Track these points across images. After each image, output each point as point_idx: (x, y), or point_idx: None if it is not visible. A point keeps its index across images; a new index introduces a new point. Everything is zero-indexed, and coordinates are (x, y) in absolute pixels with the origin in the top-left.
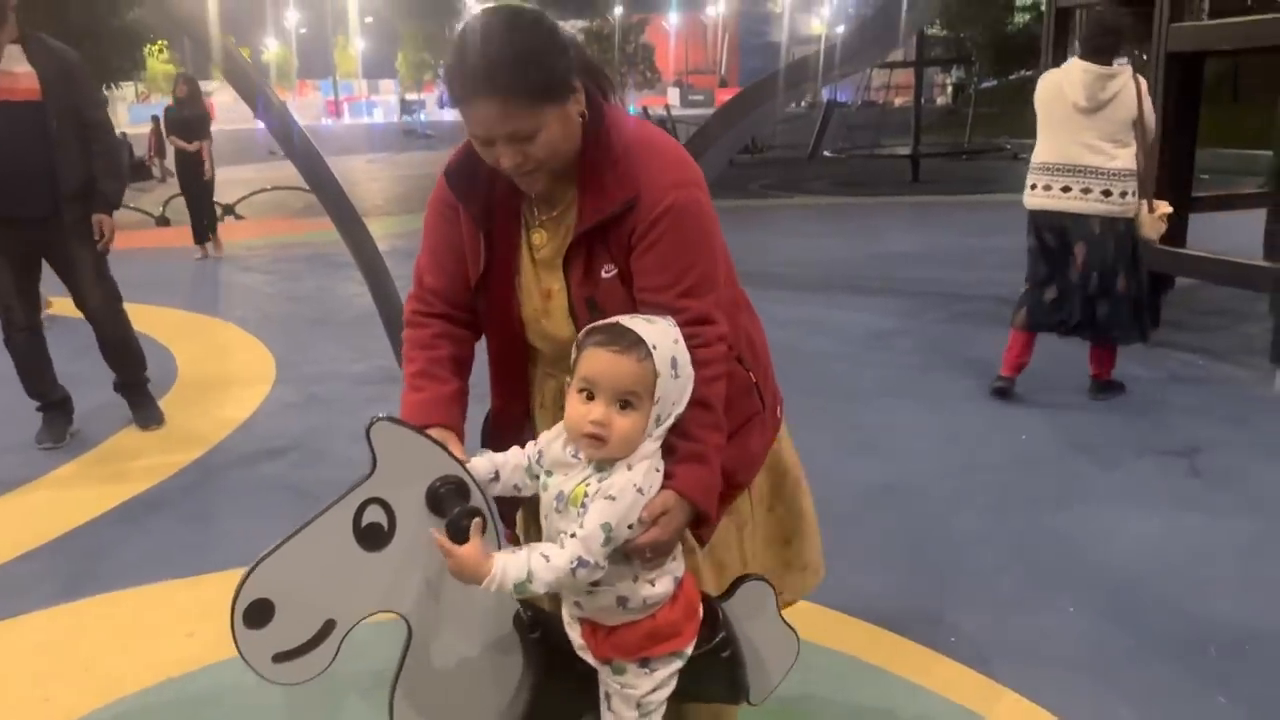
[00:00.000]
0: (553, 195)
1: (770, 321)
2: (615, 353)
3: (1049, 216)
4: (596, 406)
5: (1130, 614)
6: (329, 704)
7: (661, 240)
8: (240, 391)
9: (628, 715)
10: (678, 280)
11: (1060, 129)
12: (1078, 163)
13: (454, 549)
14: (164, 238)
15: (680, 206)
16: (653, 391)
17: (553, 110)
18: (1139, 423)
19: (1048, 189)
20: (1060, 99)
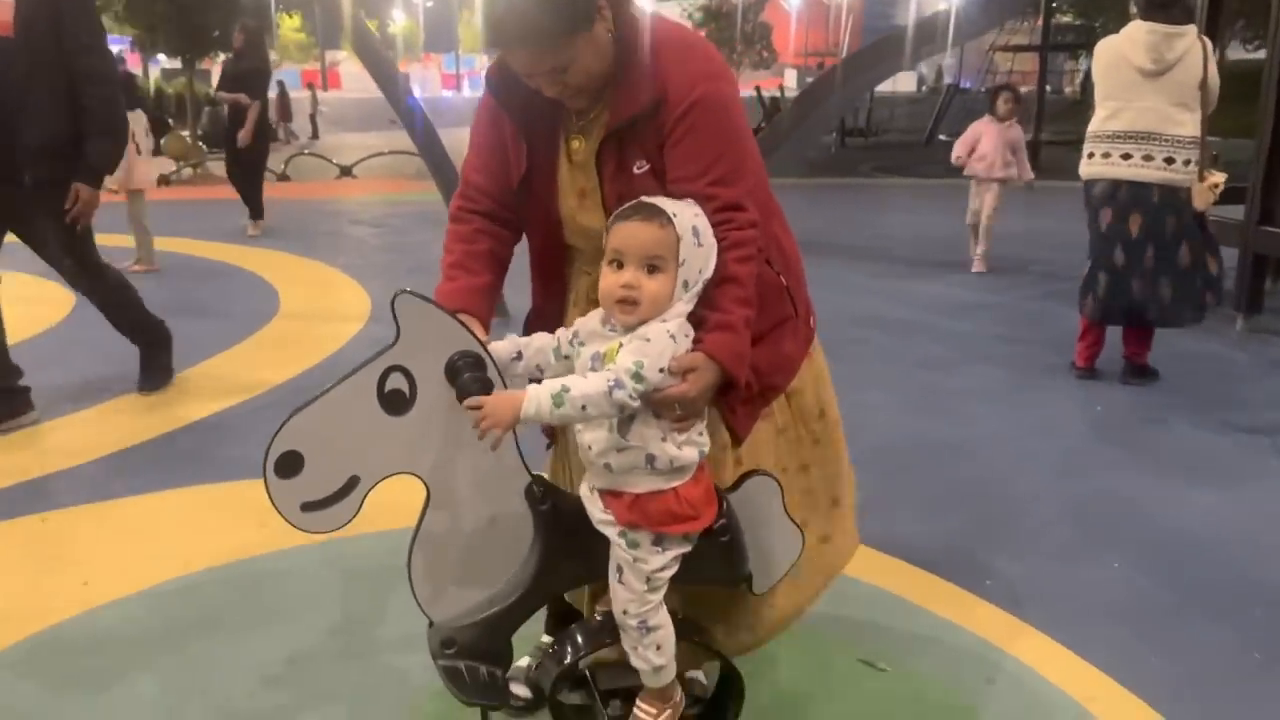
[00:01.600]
0: (592, 101)
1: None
2: (639, 221)
3: (1107, 185)
4: (626, 272)
5: (1177, 573)
6: (379, 587)
7: (691, 132)
8: (337, 326)
9: (637, 587)
10: (708, 170)
11: (1124, 94)
12: (1147, 129)
13: (480, 401)
14: (288, 190)
15: (707, 99)
16: (677, 254)
17: (582, 38)
18: (1225, 402)
19: (1106, 156)
20: (1123, 63)
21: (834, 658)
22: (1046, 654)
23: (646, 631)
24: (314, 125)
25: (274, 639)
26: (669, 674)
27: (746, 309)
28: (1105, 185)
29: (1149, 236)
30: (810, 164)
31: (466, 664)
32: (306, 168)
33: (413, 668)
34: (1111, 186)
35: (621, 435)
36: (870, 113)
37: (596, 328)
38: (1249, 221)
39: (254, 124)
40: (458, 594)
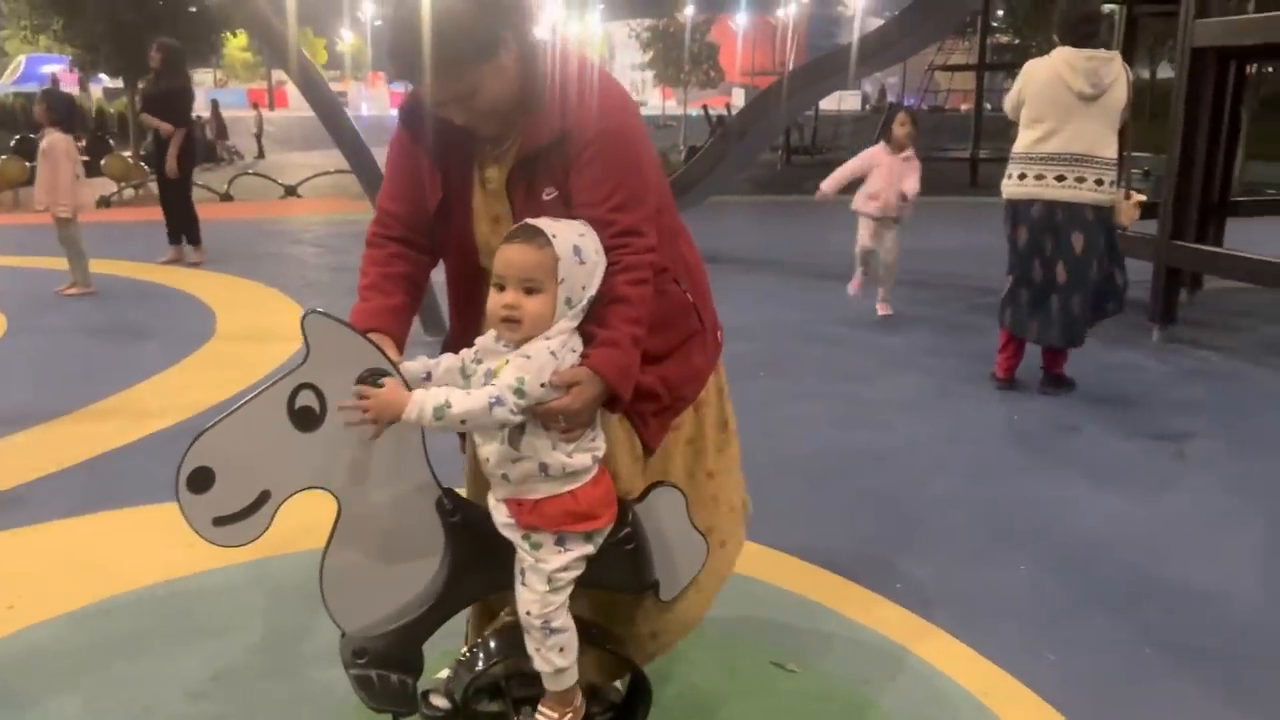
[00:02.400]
0: (501, 132)
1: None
2: (517, 244)
3: (1042, 207)
4: (508, 293)
5: (1079, 573)
6: (306, 603)
7: (593, 162)
8: (273, 346)
9: (539, 588)
10: (608, 197)
11: (1059, 118)
12: (1081, 152)
13: (371, 389)
14: (230, 211)
15: (609, 131)
16: (555, 274)
17: (486, 68)
18: (1136, 410)
19: (1040, 179)
20: (1060, 86)
21: (745, 660)
22: (950, 652)
23: (550, 633)
24: (259, 145)
25: (199, 656)
26: (571, 677)
27: (635, 328)
28: (1042, 206)
29: (1088, 254)
30: (755, 182)
31: (378, 672)
32: (250, 188)
33: (337, 682)
34: (1048, 208)
35: (513, 447)
36: (815, 130)
37: (491, 345)
38: (1162, 236)
39: (178, 150)
40: (369, 605)
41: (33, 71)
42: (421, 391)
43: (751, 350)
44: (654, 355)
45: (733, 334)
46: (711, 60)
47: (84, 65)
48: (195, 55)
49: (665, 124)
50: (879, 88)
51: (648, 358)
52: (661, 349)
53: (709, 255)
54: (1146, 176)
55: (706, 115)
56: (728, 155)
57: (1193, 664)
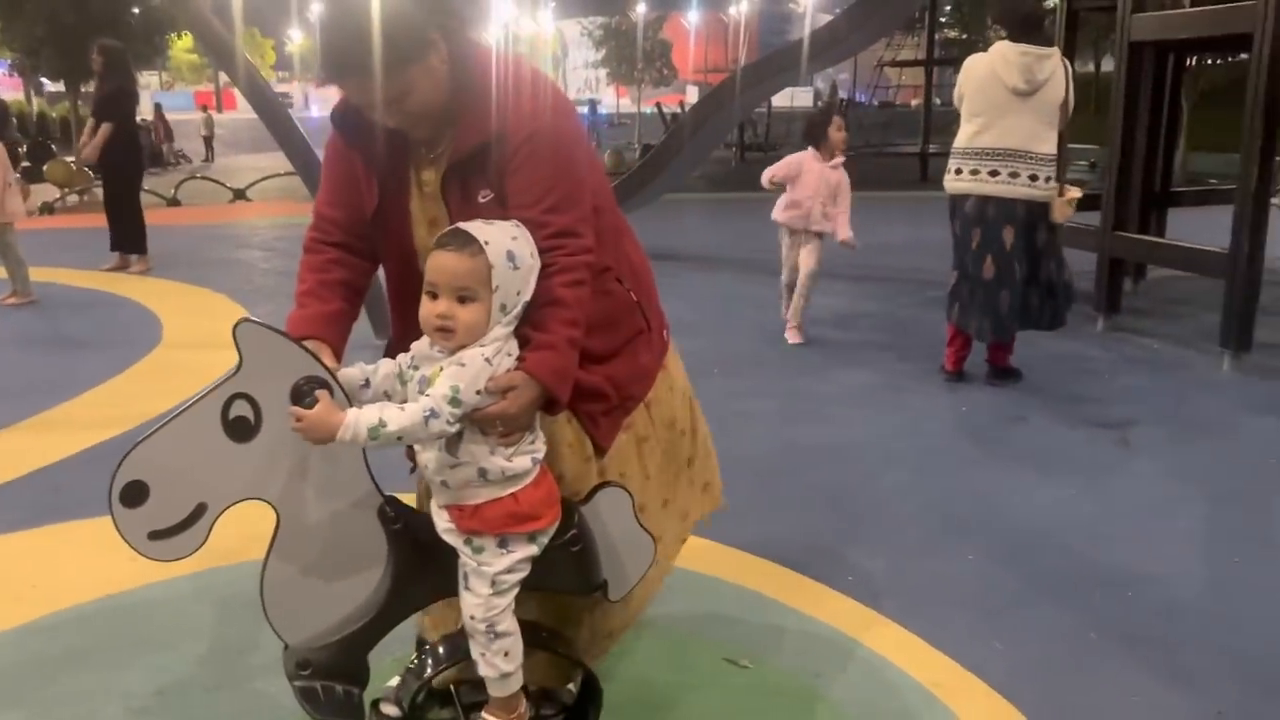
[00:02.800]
0: (435, 135)
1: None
2: (449, 252)
3: (976, 202)
4: (441, 302)
5: (1026, 562)
6: (251, 615)
7: (526, 164)
8: (220, 353)
9: (482, 591)
10: (542, 198)
11: (995, 113)
12: (1015, 147)
13: (303, 411)
14: (178, 216)
15: (542, 133)
16: (489, 282)
17: (415, 71)
18: (1081, 400)
19: (975, 174)
20: (995, 81)
21: (698, 657)
22: (899, 643)
23: (494, 637)
24: (208, 148)
25: (144, 671)
26: (516, 682)
27: (572, 329)
28: (975, 201)
29: (1018, 250)
30: (710, 179)
31: (322, 684)
32: (199, 192)
33: (284, 693)
34: (980, 202)
35: (451, 454)
36: (769, 127)
37: (427, 350)
38: (1105, 227)
39: (101, 144)
40: (312, 616)
41: None
42: (355, 411)
43: (704, 347)
44: (600, 355)
45: (687, 331)
46: (664, 58)
47: (24, 69)
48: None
49: (620, 122)
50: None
51: (594, 358)
52: (607, 349)
53: (663, 253)
54: (1093, 168)
55: (660, 113)
56: (681, 152)
57: (1136, 649)
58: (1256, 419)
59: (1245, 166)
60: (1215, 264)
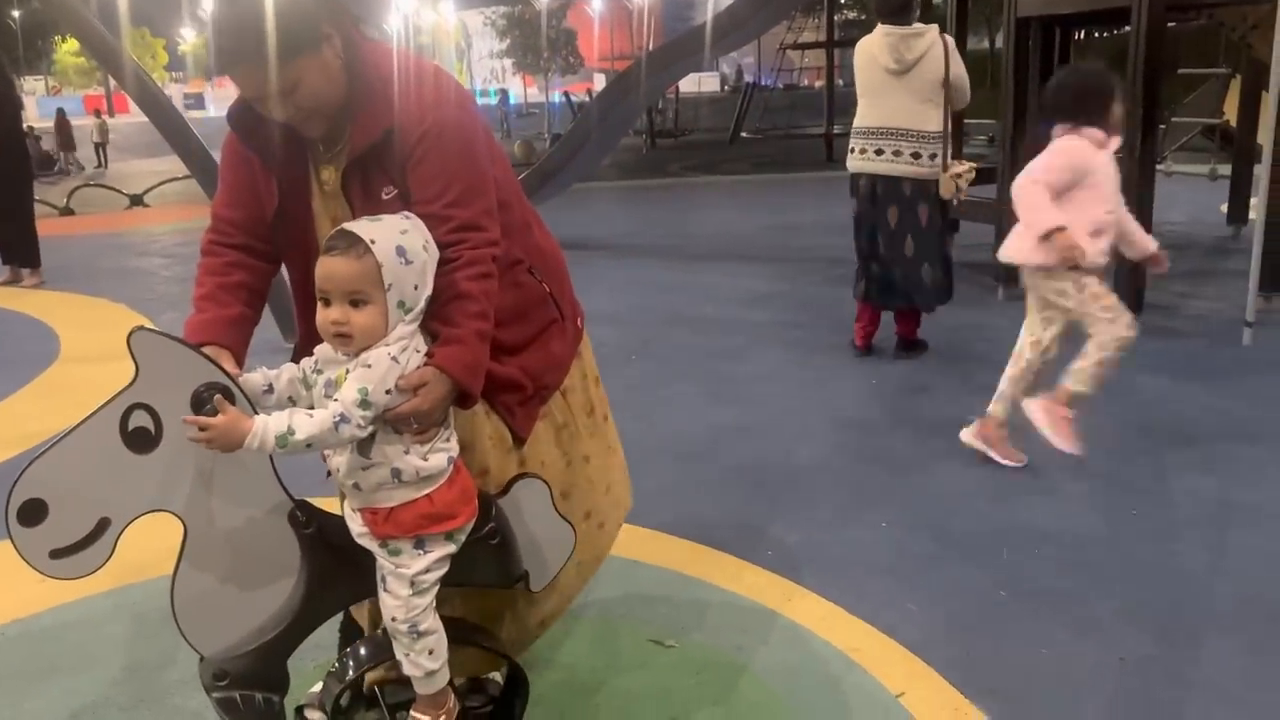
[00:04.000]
0: (332, 133)
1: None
2: (336, 256)
3: (866, 180)
4: (334, 309)
5: (937, 526)
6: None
7: (425, 158)
8: (123, 365)
9: (402, 592)
10: (444, 192)
11: (875, 93)
12: (892, 125)
13: (208, 420)
14: (70, 225)
15: (438, 126)
16: (381, 282)
17: (306, 62)
18: (983, 367)
19: (863, 152)
20: (873, 63)
21: (623, 641)
22: (819, 612)
23: (417, 637)
24: (100, 154)
25: (56, 695)
26: (442, 679)
27: (480, 322)
28: (865, 180)
29: (904, 227)
30: (622, 166)
31: (241, 694)
32: (93, 200)
33: (203, 707)
34: (870, 181)
35: (363, 455)
36: (677, 114)
37: (331, 354)
38: (1001, 198)
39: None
40: (226, 626)
41: None
42: (263, 418)
43: (621, 335)
44: (513, 346)
45: (603, 320)
46: (570, 46)
47: None
48: (25, 63)
49: (528, 112)
50: (736, 68)
51: (507, 349)
52: (520, 339)
53: (576, 243)
54: (991, 143)
55: (569, 102)
56: (589, 141)
57: (1043, 603)
58: (1150, 378)
59: (1130, 135)
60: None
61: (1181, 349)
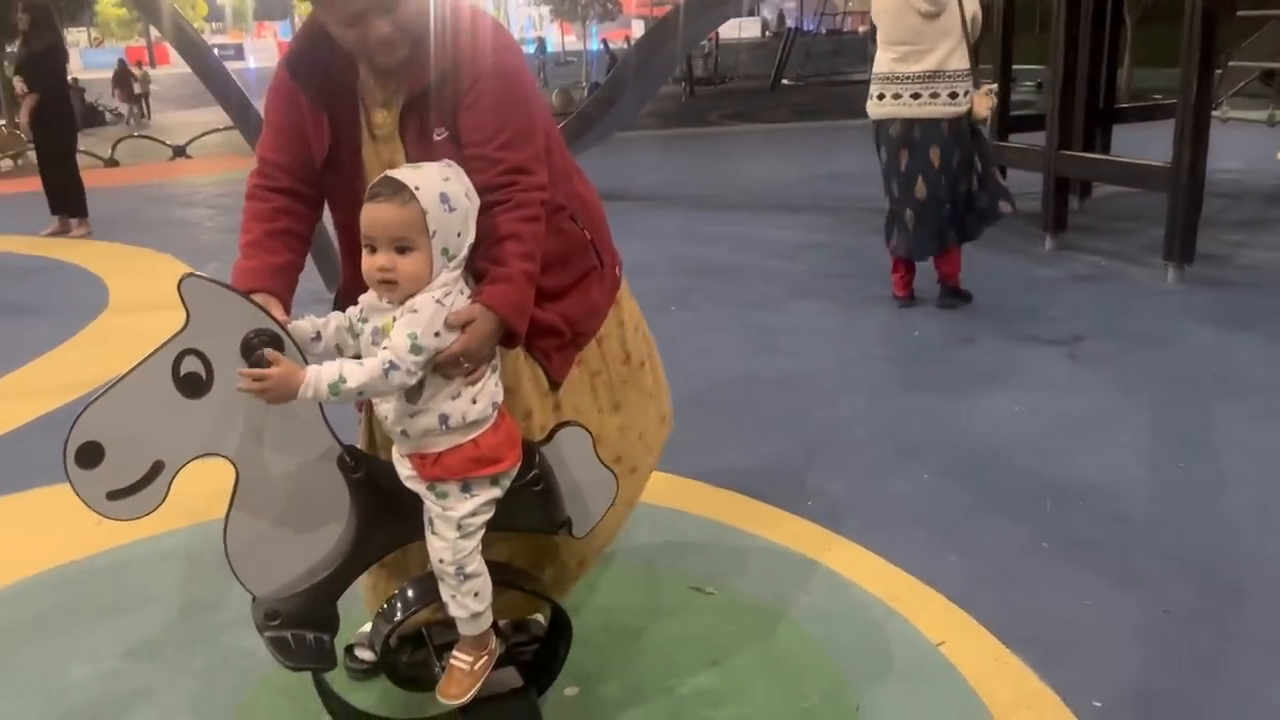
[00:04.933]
0: (389, 73)
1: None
2: (381, 203)
3: (900, 125)
4: (380, 255)
5: (978, 477)
6: (219, 572)
7: (480, 99)
8: (169, 315)
9: (449, 535)
10: (496, 134)
11: (909, 38)
12: (933, 68)
13: (263, 371)
14: (115, 176)
15: (495, 70)
16: (425, 228)
17: None
18: (1029, 317)
19: (897, 98)
20: (906, 8)
21: (664, 587)
22: (859, 562)
23: (464, 579)
24: (144, 105)
25: (112, 633)
26: (486, 621)
27: (527, 263)
28: (900, 124)
29: (946, 168)
30: (661, 115)
31: (293, 633)
32: (136, 150)
33: (256, 647)
34: (906, 125)
35: (411, 401)
36: (716, 60)
37: (376, 302)
38: (1050, 146)
39: (30, 113)
40: (278, 567)
41: None
42: (315, 368)
43: (660, 285)
44: (553, 292)
45: (641, 270)
46: None
47: None
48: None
49: (566, 60)
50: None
51: (548, 295)
52: (560, 285)
53: (615, 193)
54: (1039, 89)
55: (607, 49)
56: (628, 90)
57: (1086, 555)
58: (1199, 329)
59: (1185, 80)
60: (1157, 178)
61: (1232, 299)
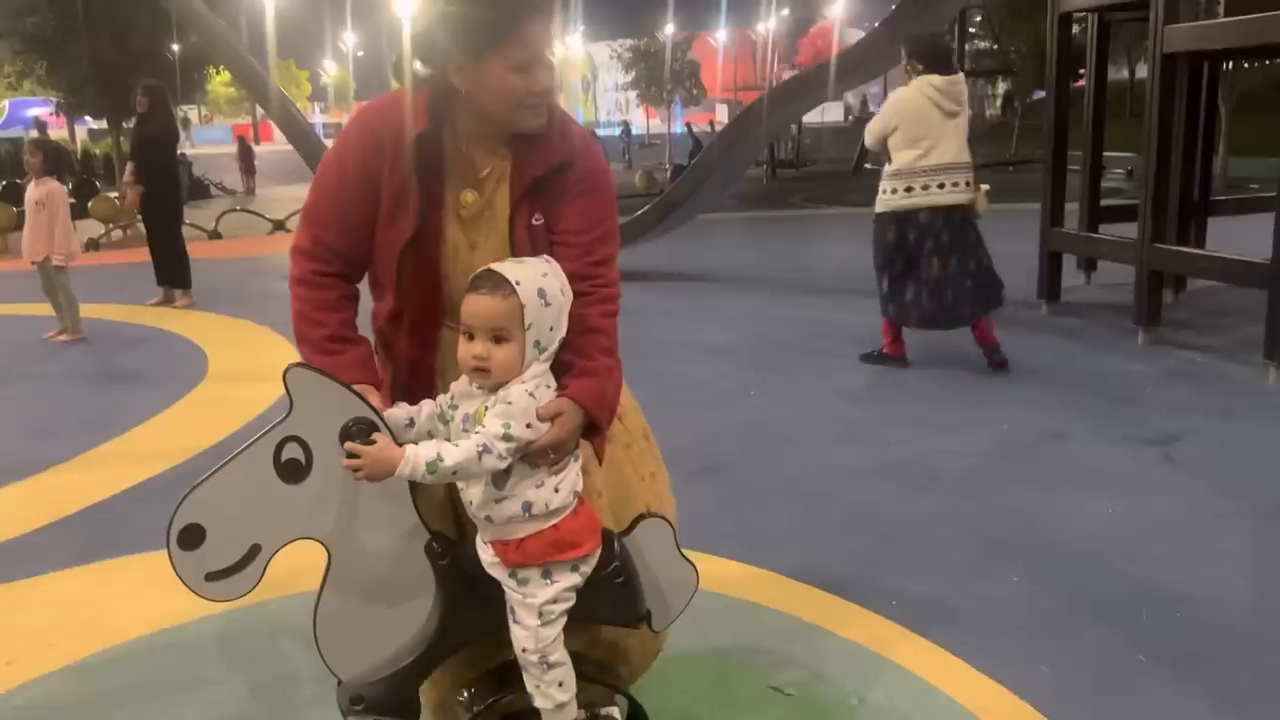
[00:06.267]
0: (490, 153)
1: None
2: (483, 294)
3: (928, 213)
4: (477, 344)
5: (1070, 582)
6: (303, 647)
7: (584, 194)
8: (266, 386)
9: (530, 623)
10: (594, 228)
11: (934, 135)
12: (952, 161)
13: (364, 449)
14: (217, 249)
15: (602, 167)
16: (522, 321)
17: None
18: (1122, 413)
19: (925, 189)
20: (931, 110)
21: (742, 686)
22: (945, 668)
23: (547, 668)
24: (249, 181)
25: (199, 705)
26: (571, 711)
27: (609, 358)
28: (927, 212)
29: (971, 242)
30: (743, 197)
31: (375, 719)
32: (239, 224)
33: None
34: (932, 212)
35: (497, 488)
36: (799, 144)
37: (467, 388)
38: (1143, 239)
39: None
40: (364, 651)
41: (16, 115)
42: (413, 447)
43: (740, 369)
44: None
45: (722, 353)
46: (694, 78)
47: (69, 108)
48: (182, 94)
49: (650, 143)
50: (861, 98)
51: None
52: None
53: (697, 274)
54: (1129, 176)
55: (690, 131)
56: (713, 173)
57: (1185, 671)
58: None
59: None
60: (1257, 275)
61: None
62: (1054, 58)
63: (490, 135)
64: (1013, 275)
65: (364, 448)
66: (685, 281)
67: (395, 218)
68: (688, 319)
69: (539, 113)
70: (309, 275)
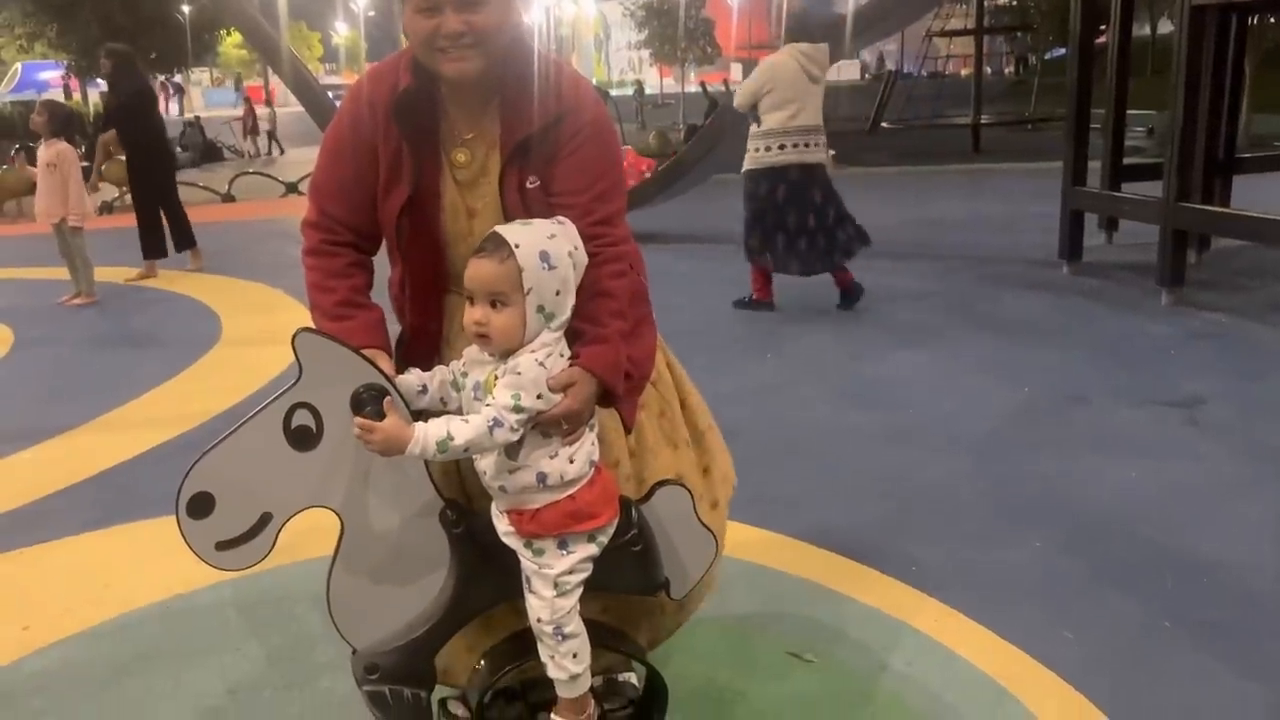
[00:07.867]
0: (473, 112)
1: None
2: (480, 258)
3: (797, 169)
4: (476, 309)
5: (1093, 548)
6: (317, 614)
7: (581, 149)
8: (279, 350)
9: (546, 593)
10: (592, 185)
11: (802, 99)
12: (812, 124)
13: (375, 424)
14: (231, 211)
15: (598, 121)
16: (521, 285)
17: None
18: (1144, 375)
19: (795, 146)
20: (801, 75)
21: (762, 652)
22: (966, 634)
23: (562, 639)
24: (270, 142)
25: (214, 670)
26: (585, 682)
27: (620, 321)
28: (797, 168)
29: (831, 197)
30: None
31: (390, 688)
32: (252, 187)
33: (352, 692)
34: (801, 169)
35: (511, 458)
36: None
37: (478, 355)
38: (1167, 198)
39: (101, 164)
40: (378, 620)
41: (29, 79)
42: (423, 425)
43: (755, 332)
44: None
45: (737, 316)
46: (707, 36)
47: (80, 71)
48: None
49: (663, 102)
50: (877, 55)
51: None
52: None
53: (713, 236)
54: (1150, 134)
55: (704, 91)
56: (727, 133)
57: (1210, 637)
58: None
59: None
60: (1276, 232)
61: None
62: (1078, 10)
63: (465, 92)
64: (1033, 235)
65: (376, 424)
66: (697, 243)
67: (393, 183)
68: (699, 281)
69: (455, 58)
70: (318, 245)
